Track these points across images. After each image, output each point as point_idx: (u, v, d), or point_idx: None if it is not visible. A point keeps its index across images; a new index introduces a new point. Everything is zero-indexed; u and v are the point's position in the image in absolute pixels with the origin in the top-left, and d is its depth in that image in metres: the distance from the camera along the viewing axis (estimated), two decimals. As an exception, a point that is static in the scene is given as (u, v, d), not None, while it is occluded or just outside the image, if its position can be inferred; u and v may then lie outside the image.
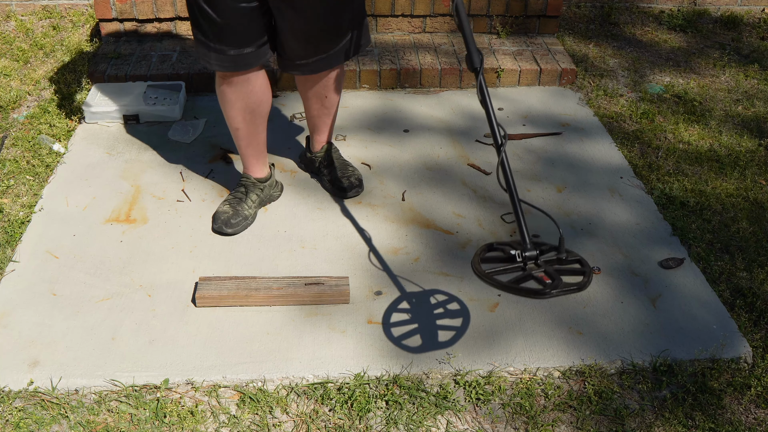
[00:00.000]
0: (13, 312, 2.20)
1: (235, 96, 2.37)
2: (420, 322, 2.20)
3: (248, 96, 2.38)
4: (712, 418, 1.98)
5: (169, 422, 1.92)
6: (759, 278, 2.44)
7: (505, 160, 1.91)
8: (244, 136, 2.49)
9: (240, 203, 2.55)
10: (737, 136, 3.24)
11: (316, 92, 2.52)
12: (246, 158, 2.56)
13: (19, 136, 3.03)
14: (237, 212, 2.52)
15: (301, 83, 2.53)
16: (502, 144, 1.91)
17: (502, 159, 1.91)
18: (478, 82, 1.95)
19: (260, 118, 2.47)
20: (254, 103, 2.41)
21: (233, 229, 2.50)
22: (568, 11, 4.34)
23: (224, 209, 2.53)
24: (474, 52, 1.96)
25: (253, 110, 2.43)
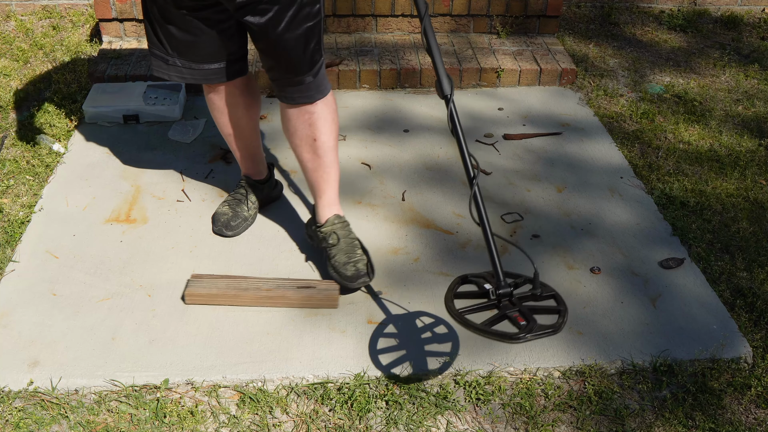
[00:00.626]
0: (13, 312, 2.20)
1: (222, 104, 2.34)
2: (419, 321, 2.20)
3: (236, 105, 2.34)
4: (712, 418, 1.98)
5: (169, 422, 1.92)
6: (759, 278, 2.44)
7: (477, 193, 1.84)
8: (236, 141, 2.45)
9: (239, 204, 2.53)
10: (737, 136, 3.24)
11: (304, 136, 2.22)
12: (243, 161, 2.53)
13: (19, 136, 3.03)
14: (237, 214, 2.51)
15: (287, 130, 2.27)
16: (475, 177, 1.84)
17: (475, 192, 1.84)
18: (448, 110, 1.86)
19: (252, 122, 2.43)
20: (242, 109, 2.37)
21: (233, 231, 2.49)
22: (568, 11, 4.34)
23: (224, 211, 2.52)
24: (444, 78, 1.88)
25: (242, 117, 2.38)
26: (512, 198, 2.75)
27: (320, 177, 2.29)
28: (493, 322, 1.79)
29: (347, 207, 2.67)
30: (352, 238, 2.32)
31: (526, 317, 1.78)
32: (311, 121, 2.19)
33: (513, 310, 1.81)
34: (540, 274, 2.39)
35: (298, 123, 2.20)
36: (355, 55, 3.55)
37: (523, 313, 1.79)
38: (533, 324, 1.75)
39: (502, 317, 1.80)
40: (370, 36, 3.74)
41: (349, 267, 2.24)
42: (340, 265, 2.26)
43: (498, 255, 1.84)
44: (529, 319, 1.77)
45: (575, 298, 2.31)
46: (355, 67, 3.43)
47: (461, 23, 3.79)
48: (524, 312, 1.79)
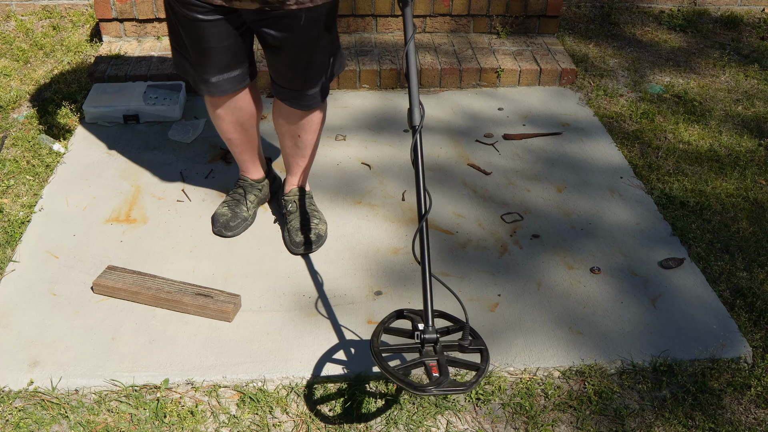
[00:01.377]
0: (13, 312, 2.20)
1: (224, 111, 2.33)
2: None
3: (237, 111, 2.33)
4: (712, 418, 1.98)
5: (169, 422, 1.92)
6: (759, 278, 2.44)
7: (424, 229, 1.78)
8: (237, 144, 2.46)
9: (238, 205, 2.53)
10: (737, 136, 3.24)
11: (289, 130, 2.37)
12: (242, 162, 2.54)
13: (19, 136, 3.04)
14: (236, 214, 2.51)
15: (275, 117, 2.39)
16: (426, 213, 1.78)
17: (422, 228, 1.78)
18: (413, 141, 1.79)
19: (252, 127, 2.43)
20: (244, 116, 2.36)
21: (233, 231, 2.50)
22: (568, 11, 4.34)
23: (223, 211, 2.52)
24: (416, 107, 1.81)
25: (244, 123, 2.38)
26: (512, 198, 2.75)
27: (295, 162, 2.48)
28: (408, 368, 1.74)
29: (347, 207, 2.68)
30: (311, 210, 2.52)
31: (441, 369, 1.71)
32: (301, 122, 2.32)
33: (432, 358, 1.73)
34: (544, 272, 2.39)
35: (288, 118, 2.33)
36: (355, 55, 3.55)
37: (440, 365, 1.72)
38: (444, 379, 1.67)
39: (420, 363, 1.74)
40: (370, 36, 3.74)
41: (299, 233, 2.44)
42: (293, 230, 2.46)
43: (431, 298, 1.77)
44: (443, 372, 1.70)
45: (575, 298, 2.31)
46: (355, 67, 3.43)
47: (461, 23, 3.79)
48: (441, 363, 1.72)
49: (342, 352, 2.09)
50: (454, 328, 1.86)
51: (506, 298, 2.30)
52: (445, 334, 1.83)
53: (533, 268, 2.43)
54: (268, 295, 2.28)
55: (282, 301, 2.26)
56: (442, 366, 1.71)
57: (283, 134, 2.40)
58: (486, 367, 1.74)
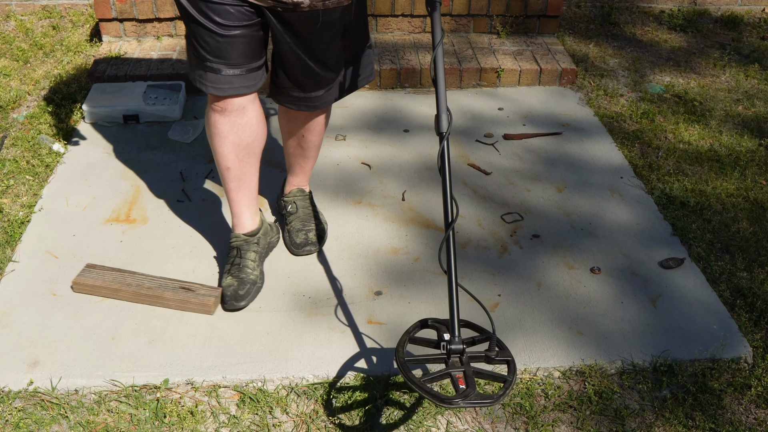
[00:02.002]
0: (13, 312, 2.20)
1: (228, 128, 2.09)
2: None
3: (242, 129, 2.11)
4: (712, 418, 1.98)
5: (169, 422, 1.92)
6: (759, 278, 2.44)
7: (451, 238, 1.74)
8: (235, 178, 2.19)
9: (241, 270, 2.25)
10: (737, 136, 3.24)
11: (292, 130, 2.34)
12: (236, 205, 2.25)
13: (19, 136, 3.04)
14: (242, 282, 2.22)
15: (280, 115, 2.37)
16: (453, 221, 1.74)
17: (449, 237, 1.74)
18: (440, 148, 1.75)
19: (254, 156, 2.19)
20: (249, 137, 2.13)
21: (245, 300, 2.21)
22: (568, 11, 4.34)
23: (229, 282, 2.23)
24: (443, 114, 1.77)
25: (248, 146, 2.15)
26: (512, 198, 2.75)
27: (297, 162, 2.47)
28: (434, 379, 1.71)
29: (347, 207, 2.68)
30: (311, 210, 2.50)
31: (467, 381, 1.67)
32: (306, 123, 2.31)
33: (458, 369, 1.70)
34: (544, 272, 2.39)
35: (294, 120, 2.32)
36: (355, 55, 3.55)
37: (466, 376, 1.69)
38: (471, 391, 1.64)
39: (446, 375, 1.71)
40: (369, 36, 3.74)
41: (300, 234, 2.42)
42: (293, 231, 2.43)
43: (458, 309, 1.74)
44: (470, 384, 1.66)
45: (575, 298, 2.31)
46: (355, 67, 3.43)
47: (461, 23, 3.79)
48: (468, 375, 1.69)
49: (342, 353, 2.09)
50: (479, 338, 1.82)
51: (506, 298, 2.30)
52: (470, 344, 1.79)
53: (533, 268, 2.43)
54: (268, 295, 2.28)
55: (282, 301, 2.26)
56: (468, 378, 1.67)
57: (287, 133, 2.38)
58: (513, 380, 1.70)
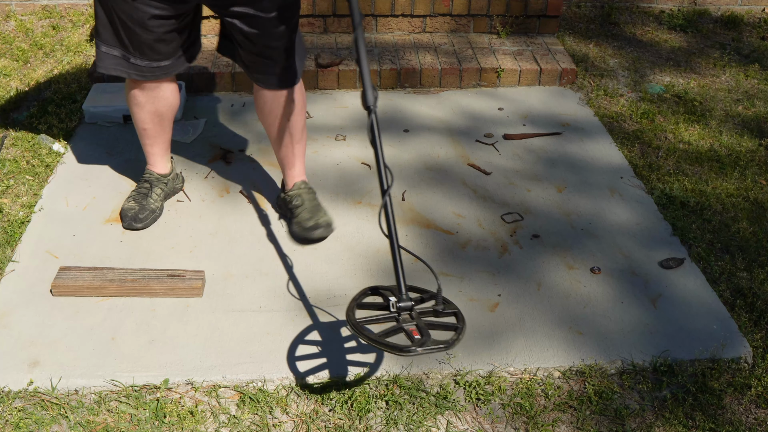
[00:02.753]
0: (13, 312, 2.20)
1: (145, 99, 2.40)
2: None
3: (158, 100, 2.41)
4: (712, 418, 1.98)
5: (169, 422, 1.92)
6: (759, 278, 2.44)
7: (389, 204, 1.83)
8: (151, 136, 2.52)
9: (145, 198, 2.56)
10: (737, 136, 3.24)
11: (279, 117, 2.41)
12: (150, 156, 2.59)
13: (19, 136, 3.03)
14: (143, 207, 2.54)
15: (264, 115, 2.43)
16: (388, 188, 1.84)
17: (386, 203, 1.83)
18: (369, 121, 1.86)
19: (168, 120, 2.51)
20: (164, 107, 2.44)
21: (143, 223, 2.52)
22: (568, 11, 4.34)
23: (130, 206, 2.54)
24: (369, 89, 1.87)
25: (162, 113, 2.46)
26: (512, 198, 2.75)
27: (290, 152, 2.51)
28: (388, 334, 1.77)
29: (347, 207, 2.67)
30: (317, 203, 2.54)
31: (421, 332, 1.76)
32: (286, 104, 2.38)
33: (410, 323, 1.79)
34: (544, 272, 2.39)
35: (273, 105, 2.38)
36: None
37: (419, 328, 1.77)
38: (426, 338, 1.73)
39: (399, 330, 1.78)
40: (370, 36, 3.74)
41: (310, 221, 2.45)
42: (303, 220, 2.47)
43: (402, 268, 1.83)
44: (424, 333, 1.75)
45: (575, 298, 2.31)
46: (355, 67, 3.43)
47: (461, 23, 3.79)
48: (420, 327, 1.77)
49: (342, 352, 2.09)
50: (426, 297, 1.90)
51: (506, 298, 2.30)
52: (419, 303, 1.87)
53: (533, 268, 2.43)
54: (268, 295, 2.28)
55: (282, 301, 2.26)
56: (421, 329, 1.76)
57: (274, 126, 2.44)
58: (463, 327, 1.79)
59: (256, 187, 2.77)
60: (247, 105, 3.31)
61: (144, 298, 2.25)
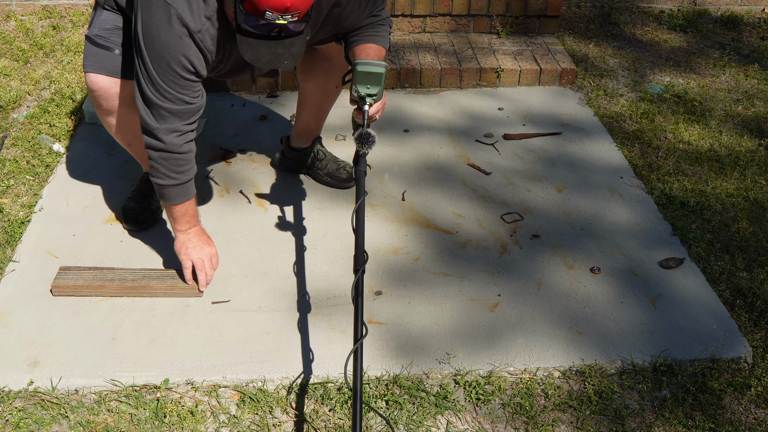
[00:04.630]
0: (13, 312, 2.20)
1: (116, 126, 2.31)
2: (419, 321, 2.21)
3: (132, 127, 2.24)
4: (712, 418, 1.98)
5: (169, 422, 1.92)
6: (759, 278, 2.44)
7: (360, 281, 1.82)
8: (137, 152, 2.46)
9: (146, 198, 2.56)
10: (737, 136, 3.24)
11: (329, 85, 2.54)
12: (144, 161, 2.49)
13: (19, 136, 3.03)
14: (144, 207, 2.54)
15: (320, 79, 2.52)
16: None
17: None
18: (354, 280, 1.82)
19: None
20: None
21: (143, 224, 2.52)
22: (568, 11, 4.34)
23: (130, 206, 2.54)
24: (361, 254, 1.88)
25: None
26: (512, 198, 2.75)
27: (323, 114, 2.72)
28: None
29: (347, 207, 2.68)
30: (331, 153, 2.81)
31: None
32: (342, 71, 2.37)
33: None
34: (544, 272, 2.39)
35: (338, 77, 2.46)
36: (355, 55, 3.55)
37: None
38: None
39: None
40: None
41: (342, 171, 2.75)
42: (333, 171, 2.75)
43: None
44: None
45: (575, 298, 2.31)
46: (355, 67, 3.43)
47: (461, 23, 3.79)
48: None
49: (342, 352, 2.09)
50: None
51: (506, 298, 2.30)
52: None
53: (533, 268, 2.43)
54: (268, 295, 2.28)
55: (282, 301, 2.26)
56: None
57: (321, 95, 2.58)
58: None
59: (256, 187, 2.77)
60: (247, 105, 3.31)
61: (144, 298, 2.25)
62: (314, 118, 2.71)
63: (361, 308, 1.79)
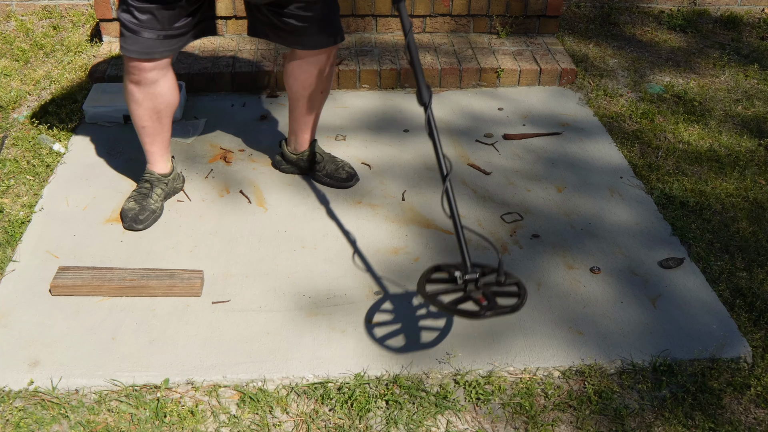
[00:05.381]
0: (13, 312, 2.20)
1: (142, 96, 2.41)
2: (419, 321, 2.21)
3: (156, 98, 2.42)
4: (711, 417, 1.99)
5: (169, 422, 1.92)
6: (759, 278, 2.44)
7: (449, 189, 2.02)
8: (149, 134, 2.53)
9: (145, 199, 2.57)
10: (737, 136, 3.24)
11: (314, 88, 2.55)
12: (150, 154, 2.60)
13: (19, 136, 3.04)
14: (144, 207, 2.55)
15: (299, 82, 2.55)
16: (447, 173, 2.01)
17: (447, 188, 2.01)
18: (426, 116, 2.04)
19: (167, 118, 2.52)
20: (162, 104, 2.45)
21: (143, 224, 2.53)
22: (568, 11, 4.34)
23: (130, 206, 2.55)
24: (423, 88, 2.05)
25: (160, 111, 2.47)
26: (512, 198, 2.76)
27: (312, 119, 2.71)
28: (459, 302, 1.96)
29: (347, 207, 2.68)
30: (329, 153, 2.82)
31: (487, 298, 1.96)
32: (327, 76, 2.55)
33: (477, 293, 1.97)
34: (544, 272, 2.40)
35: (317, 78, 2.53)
36: (355, 55, 3.55)
37: (485, 295, 1.96)
38: (493, 304, 1.93)
39: (467, 298, 1.97)
40: (370, 36, 3.74)
41: (340, 171, 2.76)
42: (332, 171, 2.76)
43: (466, 245, 2.01)
44: (490, 299, 1.95)
45: (575, 298, 2.31)
46: (355, 67, 3.43)
47: (461, 23, 3.79)
48: (486, 294, 1.97)
49: (342, 352, 2.09)
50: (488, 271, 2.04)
51: (506, 298, 2.30)
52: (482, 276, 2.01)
53: (533, 268, 2.43)
54: (268, 295, 2.28)
55: (282, 301, 2.27)
56: (488, 296, 1.97)
57: (304, 98, 2.59)
58: (525, 293, 1.98)
59: (256, 187, 2.77)
60: (247, 105, 3.32)
61: (144, 298, 2.25)
62: (305, 122, 2.70)
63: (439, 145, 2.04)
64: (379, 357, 2.08)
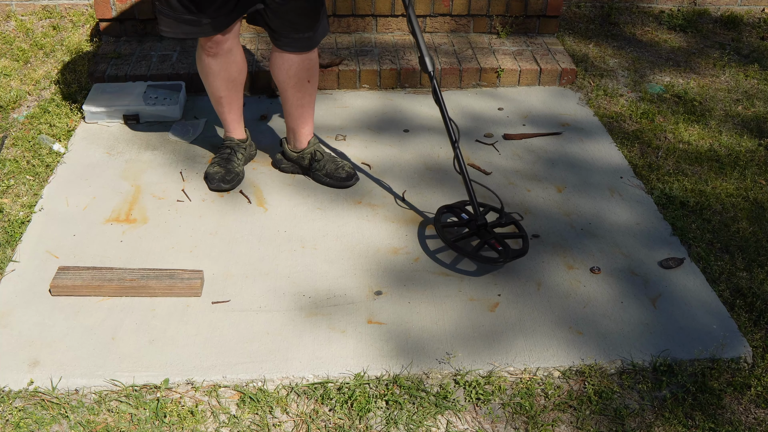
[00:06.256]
0: (13, 312, 2.20)
1: (219, 67, 2.55)
2: (419, 321, 2.21)
3: (231, 65, 2.57)
4: (712, 417, 1.99)
5: (169, 422, 1.92)
6: (759, 278, 2.44)
7: (459, 152, 2.40)
8: (226, 103, 2.69)
9: (229, 162, 2.74)
10: (737, 136, 3.24)
11: (299, 80, 2.61)
12: (228, 123, 2.76)
13: (19, 136, 3.04)
14: (229, 170, 2.71)
15: (283, 78, 2.61)
16: (456, 140, 2.40)
17: (457, 154, 2.40)
18: (432, 85, 2.29)
19: (240, 84, 2.67)
20: (236, 71, 2.60)
21: (230, 184, 2.70)
22: (568, 11, 4.34)
23: (216, 170, 2.72)
24: (427, 57, 2.27)
25: (235, 79, 2.62)
26: (512, 198, 2.76)
27: (306, 112, 2.73)
28: (479, 249, 2.35)
29: (347, 207, 2.68)
30: (329, 152, 2.84)
31: (501, 243, 2.34)
32: (308, 66, 2.60)
33: (490, 237, 2.36)
34: (544, 272, 2.40)
35: (298, 67, 2.58)
36: (355, 55, 3.55)
37: (498, 241, 2.34)
38: (508, 249, 2.32)
39: (484, 244, 2.36)
40: (370, 36, 3.74)
41: (340, 171, 2.76)
42: (332, 171, 2.76)
43: (474, 195, 2.41)
44: (504, 245, 2.33)
45: (575, 298, 2.31)
46: (355, 67, 3.43)
47: (461, 23, 3.79)
48: (499, 239, 2.35)
49: (342, 352, 2.09)
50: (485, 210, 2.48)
51: (506, 298, 2.30)
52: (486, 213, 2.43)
53: (533, 268, 2.43)
54: (268, 295, 2.28)
55: (282, 301, 2.27)
56: (500, 241, 2.35)
57: (292, 89, 2.62)
58: (527, 235, 2.43)
59: (256, 187, 2.77)
60: (247, 105, 3.32)
61: (144, 298, 2.25)
62: (299, 115, 2.73)
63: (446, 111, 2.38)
64: (379, 357, 2.08)
